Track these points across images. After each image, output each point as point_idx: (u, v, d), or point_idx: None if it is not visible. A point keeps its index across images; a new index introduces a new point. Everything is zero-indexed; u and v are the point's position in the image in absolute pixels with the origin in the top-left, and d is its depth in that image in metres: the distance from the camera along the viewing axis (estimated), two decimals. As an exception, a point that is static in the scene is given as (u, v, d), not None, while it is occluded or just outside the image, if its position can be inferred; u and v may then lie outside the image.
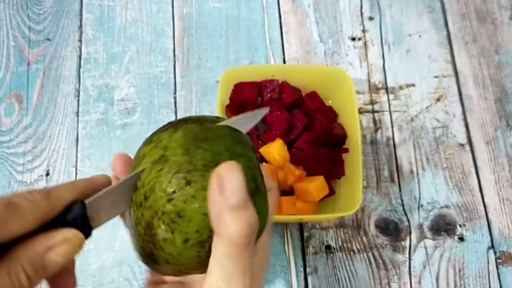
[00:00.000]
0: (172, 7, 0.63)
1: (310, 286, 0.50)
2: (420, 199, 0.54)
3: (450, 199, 0.54)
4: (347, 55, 0.61)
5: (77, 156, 0.56)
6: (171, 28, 0.62)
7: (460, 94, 0.59)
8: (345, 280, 0.50)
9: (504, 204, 0.54)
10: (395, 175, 0.55)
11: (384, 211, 0.53)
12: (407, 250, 0.52)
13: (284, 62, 0.60)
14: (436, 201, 0.54)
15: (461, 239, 0.52)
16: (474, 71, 0.60)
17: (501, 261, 0.51)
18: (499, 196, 0.54)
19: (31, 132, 0.57)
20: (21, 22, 0.62)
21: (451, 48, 0.61)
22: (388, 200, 0.54)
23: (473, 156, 0.56)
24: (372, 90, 0.59)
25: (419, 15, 0.63)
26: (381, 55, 0.61)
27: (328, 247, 0.52)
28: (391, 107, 0.58)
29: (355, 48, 0.61)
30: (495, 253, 0.52)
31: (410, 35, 0.62)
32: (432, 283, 0.50)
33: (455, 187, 0.54)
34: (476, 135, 0.57)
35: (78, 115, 0.58)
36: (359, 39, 0.62)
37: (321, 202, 0.49)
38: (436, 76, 0.60)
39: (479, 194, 0.54)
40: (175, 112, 0.58)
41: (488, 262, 0.51)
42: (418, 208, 0.53)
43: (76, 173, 0.55)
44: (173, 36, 0.61)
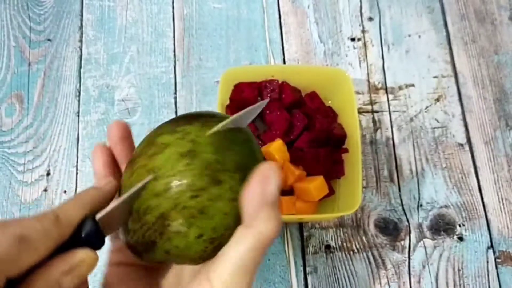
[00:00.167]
0: (173, 7, 0.63)
1: (310, 286, 0.50)
2: (419, 199, 0.54)
3: (449, 199, 0.54)
4: (347, 56, 0.61)
5: (77, 156, 0.56)
6: (171, 28, 0.62)
7: (460, 94, 0.59)
8: (345, 279, 0.51)
9: (503, 204, 0.54)
10: (394, 175, 0.55)
11: (384, 211, 0.53)
12: (407, 250, 0.52)
13: (284, 62, 0.61)
14: (435, 201, 0.54)
15: (461, 238, 0.52)
16: (473, 72, 0.60)
17: (500, 260, 0.51)
18: (498, 196, 0.54)
19: (32, 132, 0.57)
20: (22, 23, 0.62)
21: (451, 48, 0.62)
22: (388, 200, 0.54)
23: (472, 156, 0.56)
24: (372, 90, 0.59)
25: (418, 16, 0.63)
26: (381, 56, 0.61)
27: (328, 247, 0.52)
28: (391, 107, 0.58)
29: (354, 48, 0.61)
30: (494, 252, 0.52)
31: (409, 35, 0.62)
32: (431, 282, 0.50)
33: (455, 187, 0.55)
34: (475, 135, 0.57)
35: (78, 115, 0.58)
36: (359, 39, 0.62)
37: (321, 202, 0.50)
38: (435, 76, 0.60)
39: (478, 194, 0.54)
40: (176, 112, 0.58)
41: (487, 262, 0.51)
42: (418, 208, 0.53)
43: (76, 173, 0.55)
44: (174, 36, 0.62)
